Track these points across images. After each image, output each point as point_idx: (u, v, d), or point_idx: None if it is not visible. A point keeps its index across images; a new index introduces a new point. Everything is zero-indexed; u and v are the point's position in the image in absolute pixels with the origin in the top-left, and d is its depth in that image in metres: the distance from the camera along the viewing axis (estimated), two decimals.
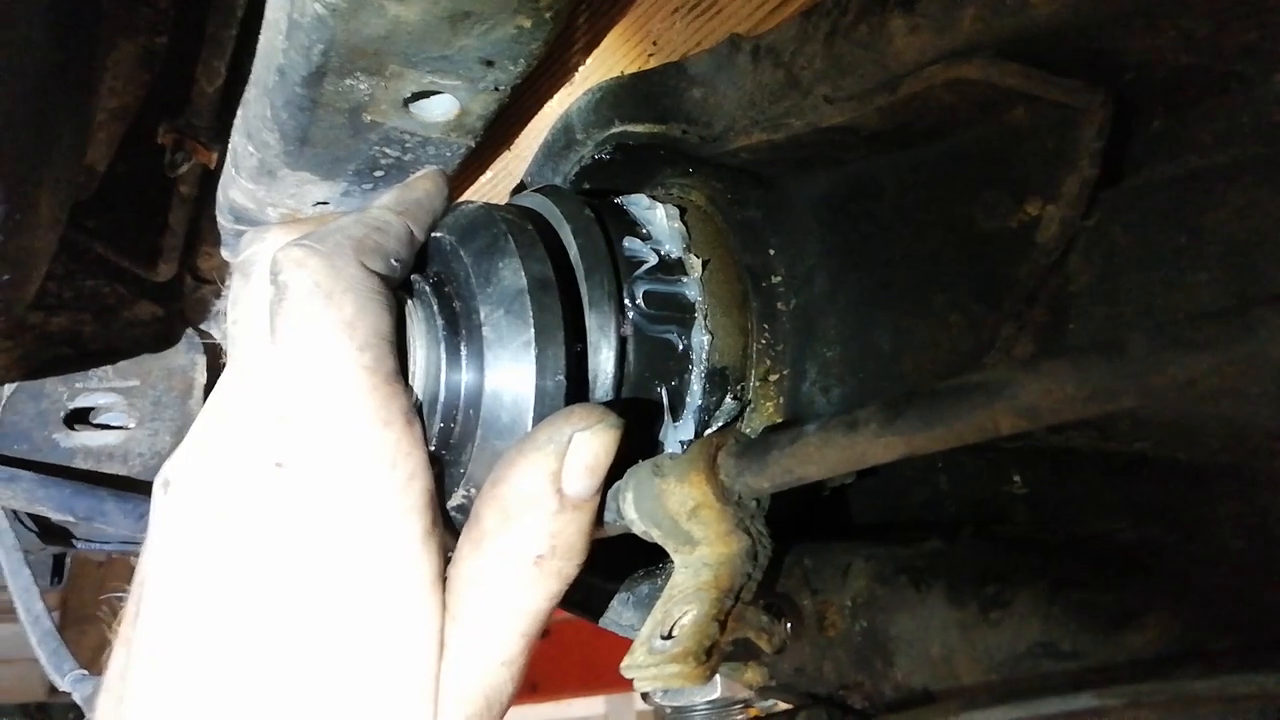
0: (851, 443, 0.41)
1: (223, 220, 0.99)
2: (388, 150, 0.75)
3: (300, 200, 0.85)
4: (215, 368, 1.28)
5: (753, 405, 0.64)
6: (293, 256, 0.51)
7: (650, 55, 0.74)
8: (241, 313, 0.57)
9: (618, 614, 0.65)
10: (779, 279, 0.65)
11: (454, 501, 0.56)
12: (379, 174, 0.79)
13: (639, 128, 0.64)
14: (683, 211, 0.65)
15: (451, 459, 0.56)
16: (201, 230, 1.17)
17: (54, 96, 0.75)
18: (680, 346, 0.61)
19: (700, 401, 0.62)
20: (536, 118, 0.86)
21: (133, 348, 1.25)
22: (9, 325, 1.14)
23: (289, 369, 0.50)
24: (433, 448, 0.55)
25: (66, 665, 1.14)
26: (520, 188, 0.73)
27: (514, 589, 0.50)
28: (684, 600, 0.48)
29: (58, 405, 1.22)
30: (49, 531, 1.25)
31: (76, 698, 1.11)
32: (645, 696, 0.87)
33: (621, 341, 0.59)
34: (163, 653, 0.51)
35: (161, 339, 1.27)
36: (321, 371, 0.50)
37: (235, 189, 0.89)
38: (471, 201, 0.63)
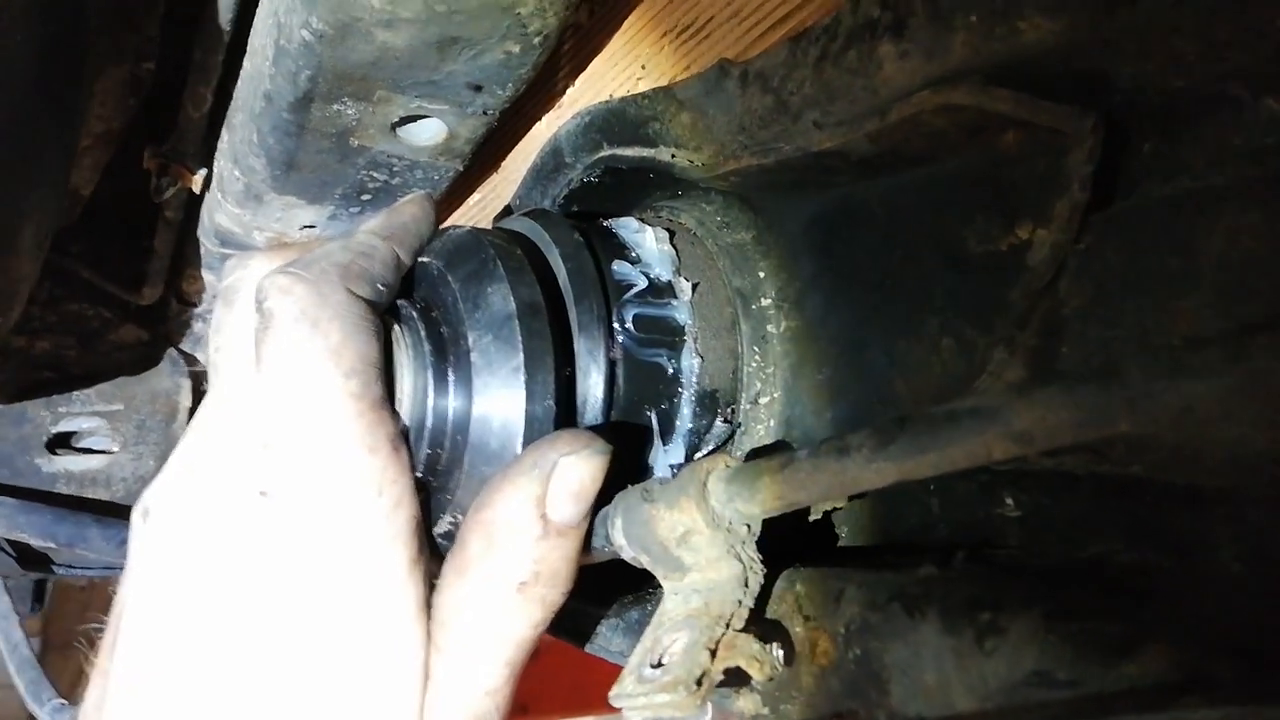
0: (843, 468, 0.41)
1: (208, 243, 0.98)
2: (375, 174, 0.75)
3: (286, 224, 0.84)
4: (200, 392, 1.27)
5: (744, 428, 0.64)
6: (278, 284, 0.51)
7: (639, 79, 0.75)
8: (225, 340, 0.56)
9: (607, 640, 0.64)
10: (769, 302, 0.64)
11: (441, 528, 0.55)
12: (366, 198, 0.79)
13: (628, 151, 0.64)
14: (672, 234, 0.65)
15: (438, 485, 0.55)
16: (186, 254, 1.16)
17: (39, 123, 0.75)
18: (670, 370, 0.61)
19: (690, 425, 0.62)
20: (524, 141, 0.86)
21: (117, 371, 1.24)
22: None
23: (274, 396, 0.50)
24: (419, 474, 0.54)
25: (46, 695, 1.12)
26: (507, 211, 0.73)
27: (498, 616, 0.49)
28: (674, 628, 0.47)
29: (40, 429, 1.21)
30: (29, 557, 1.23)
31: None
32: None
33: (611, 365, 0.58)
34: (141, 683, 0.50)
35: (146, 362, 1.26)
36: (307, 398, 0.49)
37: (221, 213, 0.88)
38: (459, 226, 0.62)
